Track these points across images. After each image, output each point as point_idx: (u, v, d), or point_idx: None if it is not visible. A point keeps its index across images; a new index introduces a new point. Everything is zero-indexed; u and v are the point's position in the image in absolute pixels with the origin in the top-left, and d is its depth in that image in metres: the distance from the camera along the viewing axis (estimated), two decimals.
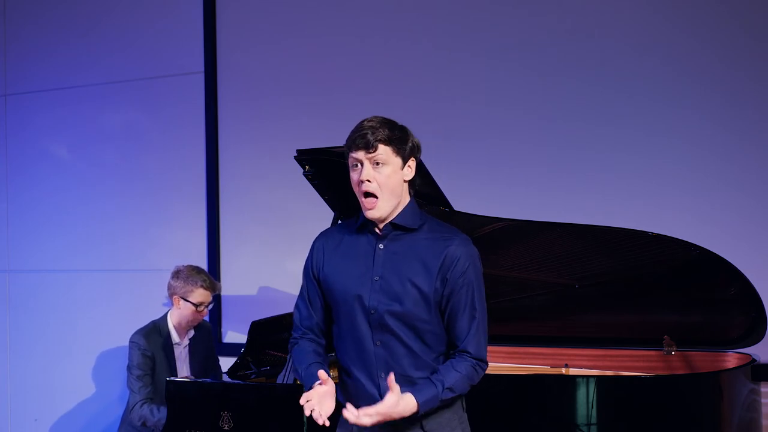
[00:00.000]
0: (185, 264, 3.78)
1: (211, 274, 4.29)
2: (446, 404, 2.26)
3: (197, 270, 3.75)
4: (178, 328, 3.74)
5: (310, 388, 2.21)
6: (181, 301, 3.68)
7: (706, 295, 3.25)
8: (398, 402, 2.13)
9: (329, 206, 3.28)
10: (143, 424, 3.58)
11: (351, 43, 4.40)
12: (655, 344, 3.43)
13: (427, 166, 3.06)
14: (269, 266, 4.59)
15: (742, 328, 3.23)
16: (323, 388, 2.18)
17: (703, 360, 3.40)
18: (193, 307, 3.68)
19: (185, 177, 4.78)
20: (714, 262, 3.07)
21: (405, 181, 2.28)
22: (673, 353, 3.40)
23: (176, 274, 3.73)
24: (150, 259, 4.78)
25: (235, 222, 4.68)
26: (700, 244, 3.07)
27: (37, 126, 5.20)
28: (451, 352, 2.29)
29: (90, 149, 5.04)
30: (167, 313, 3.77)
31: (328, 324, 2.40)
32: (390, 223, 2.27)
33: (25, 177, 5.23)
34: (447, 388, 2.20)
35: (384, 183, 2.22)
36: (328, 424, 2.13)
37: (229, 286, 4.68)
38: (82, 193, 5.05)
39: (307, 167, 3.09)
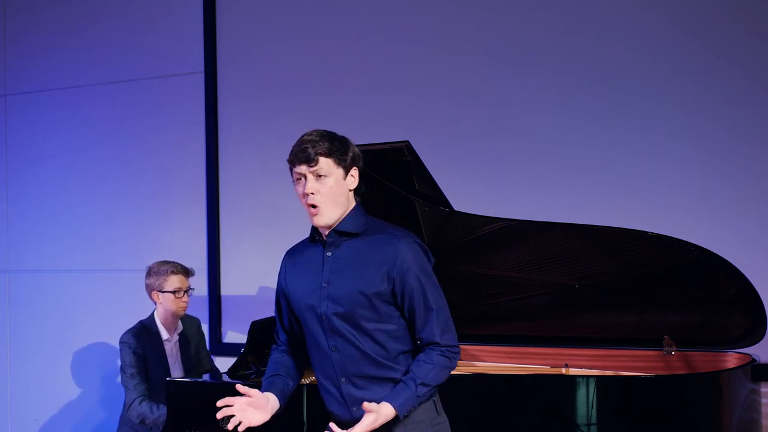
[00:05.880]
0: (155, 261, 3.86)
1: (211, 274, 4.30)
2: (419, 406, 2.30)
3: (165, 261, 3.83)
4: (165, 324, 3.79)
5: None
6: (160, 295, 3.75)
7: (706, 295, 3.24)
8: (377, 418, 2.20)
9: None
10: (142, 421, 3.59)
11: (351, 43, 4.40)
12: (655, 344, 3.43)
13: (427, 166, 3.07)
14: (269, 266, 4.54)
15: (742, 328, 3.23)
16: (246, 399, 2.29)
17: (703, 360, 3.40)
18: (171, 296, 3.73)
19: (185, 177, 4.78)
20: (714, 262, 3.06)
21: (350, 190, 2.35)
22: (673, 353, 3.40)
23: (147, 272, 3.81)
24: (150, 259, 4.72)
25: (235, 222, 4.68)
26: (700, 244, 3.07)
27: (37, 126, 5.20)
28: (421, 346, 2.34)
29: (90, 149, 5.04)
30: (153, 311, 3.82)
31: (301, 336, 2.48)
32: (334, 230, 2.34)
33: (25, 177, 5.23)
34: (420, 384, 2.26)
35: (327, 194, 2.29)
36: (240, 430, 2.25)
37: (229, 286, 4.68)
38: (82, 193, 5.05)
39: None
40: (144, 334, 3.72)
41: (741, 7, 3.73)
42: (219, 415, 2.25)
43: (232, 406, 2.27)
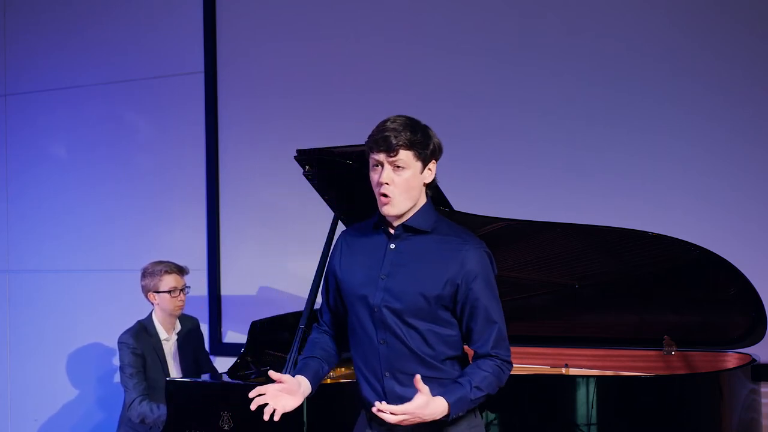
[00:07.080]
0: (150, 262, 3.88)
1: (211, 274, 4.30)
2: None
3: (159, 261, 3.85)
4: (163, 324, 3.81)
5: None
6: (156, 295, 3.77)
7: (706, 295, 3.25)
8: (428, 403, 2.13)
9: (329, 207, 3.28)
10: (142, 421, 3.59)
11: (351, 43, 4.40)
12: (655, 344, 3.43)
13: None
14: (269, 266, 4.59)
15: (742, 328, 3.23)
16: (277, 385, 2.22)
17: (703, 360, 3.40)
18: (167, 295, 3.76)
19: (185, 177, 4.78)
20: (714, 262, 3.06)
21: (424, 184, 2.30)
22: (673, 353, 3.40)
23: (142, 273, 3.84)
24: (150, 259, 4.73)
25: (235, 222, 4.68)
26: (700, 244, 3.07)
27: (37, 126, 5.20)
28: (475, 356, 2.29)
29: (90, 149, 5.04)
30: (151, 312, 3.83)
31: (344, 320, 2.42)
32: (402, 224, 2.29)
33: (25, 177, 5.23)
34: (475, 387, 2.20)
35: (402, 185, 2.23)
36: (276, 419, 2.17)
37: (229, 286, 4.68)
38: (82, 193, 5.05)
39: (307, 167, 3.09)
40: (143, 334, 3.74)
41: (741, 7, 3.73)
42: (253, 406, 2.18)
43: (264, 395, 2.19)
